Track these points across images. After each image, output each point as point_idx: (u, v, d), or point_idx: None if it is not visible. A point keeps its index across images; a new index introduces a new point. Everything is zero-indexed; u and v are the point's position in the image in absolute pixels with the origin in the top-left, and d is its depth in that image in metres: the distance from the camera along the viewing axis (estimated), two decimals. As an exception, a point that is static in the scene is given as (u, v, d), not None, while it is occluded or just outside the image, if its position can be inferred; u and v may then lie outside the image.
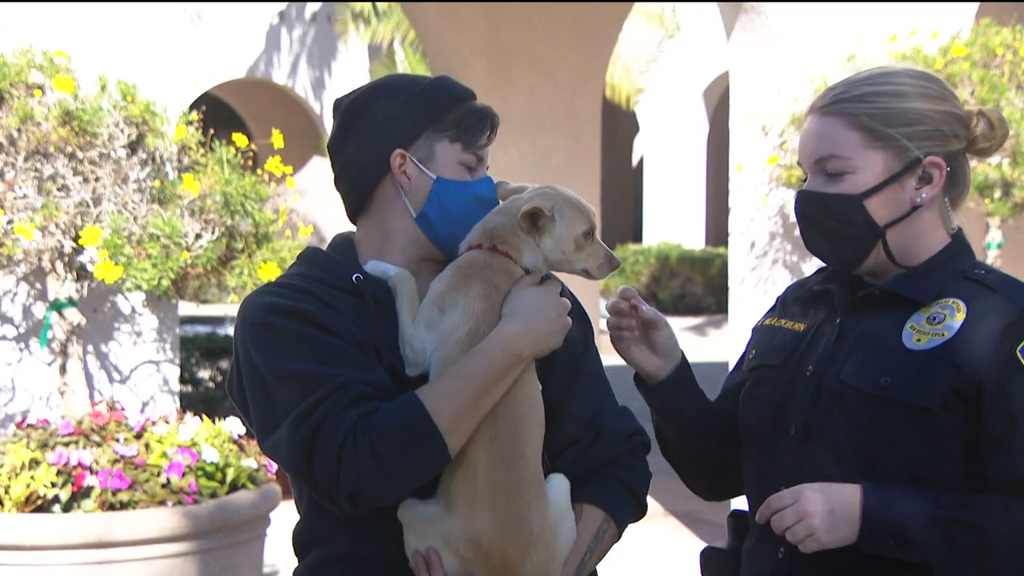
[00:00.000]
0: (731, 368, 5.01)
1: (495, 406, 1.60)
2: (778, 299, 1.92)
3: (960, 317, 1.66)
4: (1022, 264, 5.01)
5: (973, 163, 4.11)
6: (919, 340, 1.66)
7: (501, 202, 1.73)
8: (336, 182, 1.76)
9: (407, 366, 1.64)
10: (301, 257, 1.75)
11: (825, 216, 1.71)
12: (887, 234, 1.70)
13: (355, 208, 1.75)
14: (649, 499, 1.77)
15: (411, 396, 1.57)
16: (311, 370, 1.57)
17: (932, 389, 1.63)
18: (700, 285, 16.94)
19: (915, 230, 1.71)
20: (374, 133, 1.70)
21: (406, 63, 15.67)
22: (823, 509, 1.60)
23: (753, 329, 1.91)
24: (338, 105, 1.75)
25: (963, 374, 1.63)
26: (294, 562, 1.79)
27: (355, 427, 1.53)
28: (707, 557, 1.89)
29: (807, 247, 1.77)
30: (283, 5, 13.98)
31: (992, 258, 4.43)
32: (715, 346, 13.48)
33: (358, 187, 1.73)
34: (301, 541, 1.74)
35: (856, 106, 1.70)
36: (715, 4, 5.39)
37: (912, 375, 1.64)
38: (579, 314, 1.79)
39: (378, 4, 14.44)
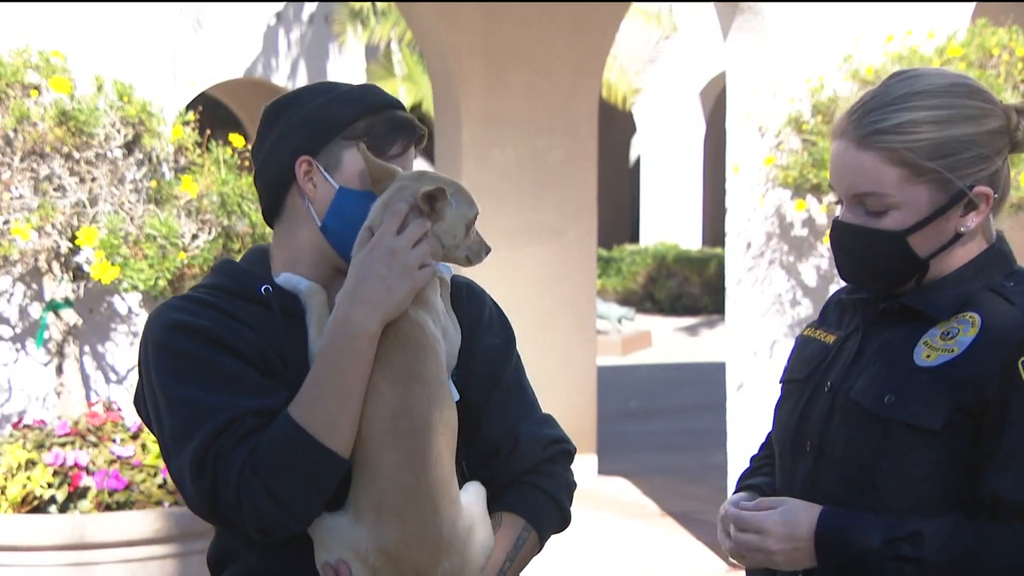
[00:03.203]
0: (729, 369, 4.92)
1: (396, 410, 1.57)
2: (825, 304, 1.88)
3: (973, 332, 1.60)
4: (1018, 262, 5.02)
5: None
6: (928, 356, 1.61)
7: (375, 183, 1.65)
8: (255, 185, 1.74)
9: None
10: (213, 268, 1.73)
11: (865, 250, 1.64)
12: (931, 264, 1.64)
13: (268, 214, 1.72)
14: (646, 499, 1.76)
15: (283, 417, 1.54)
16: (203, 398, 1.55)
17: (935, 409, 1.58)
18: (697, 285, 16.95)
19: (956, 251, 1.65)
20: (285, 137, 1.67)
21: (403, 64, 15.66)
22: (785, 548, 1.61)
23: (796, 338, 1.88)
24: (264, 110, 1.73)
25: (968, 392, 1.56)
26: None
27: (243, 468, 1.52)
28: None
29: (841, 276, 1.70)
30: (280, 6, 13.97)
31: (988, 258, 4.43)
32: (712, 346, 13.49)
33: (269, 192, 1.70)
34: (215, 559, 1.72)
35: (896, 139, 1.59)
36: (712, 4, 5.39)
37: (916, 394, 1.59)
38: (501, 324, 1.76)
39: (376, 4, 14.43)
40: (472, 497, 1.63)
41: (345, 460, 1.55)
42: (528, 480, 1.70)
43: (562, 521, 1.73)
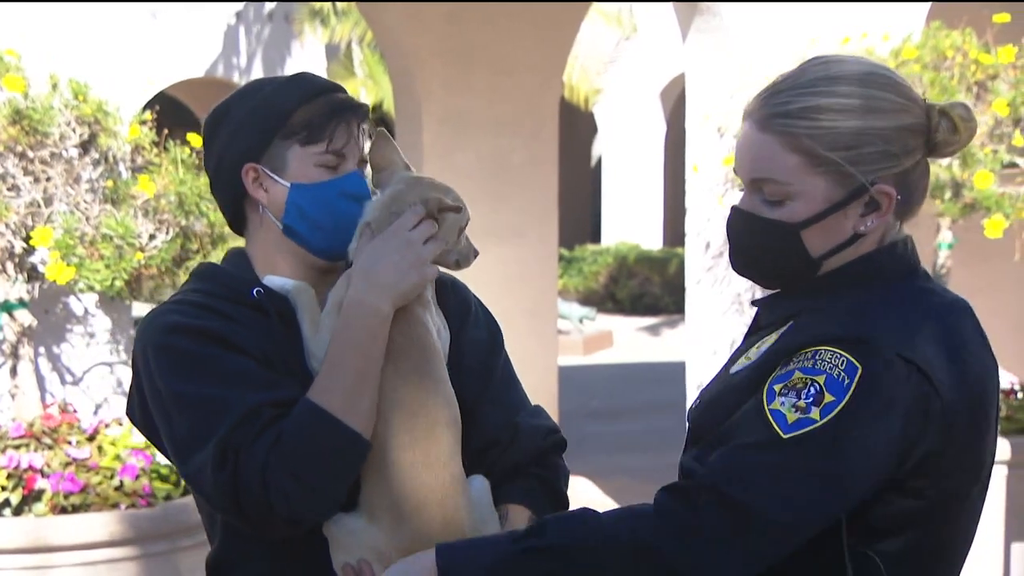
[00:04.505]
0: (688, 369, 4.89)
1: (412, 410, 1.58)
2: None
3: (771, 342, 1.51)
4: (971, 264, 5.09)
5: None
6: (736, 364, 1.55)
7: (376, 173, 1.68)
8: (214, 198, 1.75)
9: (315, 377, 1.60)
10: (196, 274, 1.71)
11: (756, 240, 1.53)
12: (823, 264, 1.51)
13: (233, 223, 1.73)
14: (608, 498, 1.77)
15: (304, 403, 1.54)
16: (216, 394, 1.54)
17: (711, 415, 1.53)
18: (658, 285, 17.02)
19: (848, 256, 1.52)
20: (227, 149, 1.67)
21: (365, 64, 15.60)
22: None
23: None
24: (203, 122, 1.73)
25: (739, 403, 1.49)
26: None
27: (268, 457, 1.50)
28: None
29: (733, 267, 1.58)
30: (240, 5, 13.88)
31: (943, 258, 4.49)
32: (673, 346, 13.55)
33: (227, 204, 1.71)
34: (216, 565, 1.69)
35: (796, 124, 1.47)
36: (671, 5, 5.42)
37: (709, 401, 1.55)
38: (486, 318, 1.79)
39: (336, 4, 14.38)
40: (479, 491, 1.66)
41: (368, 442, 1.55)
42: (531, 472, 1.73)
43: (562, 510, 1.75)
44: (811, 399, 1.40)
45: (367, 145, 1.70)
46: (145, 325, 1.62)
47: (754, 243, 1.53)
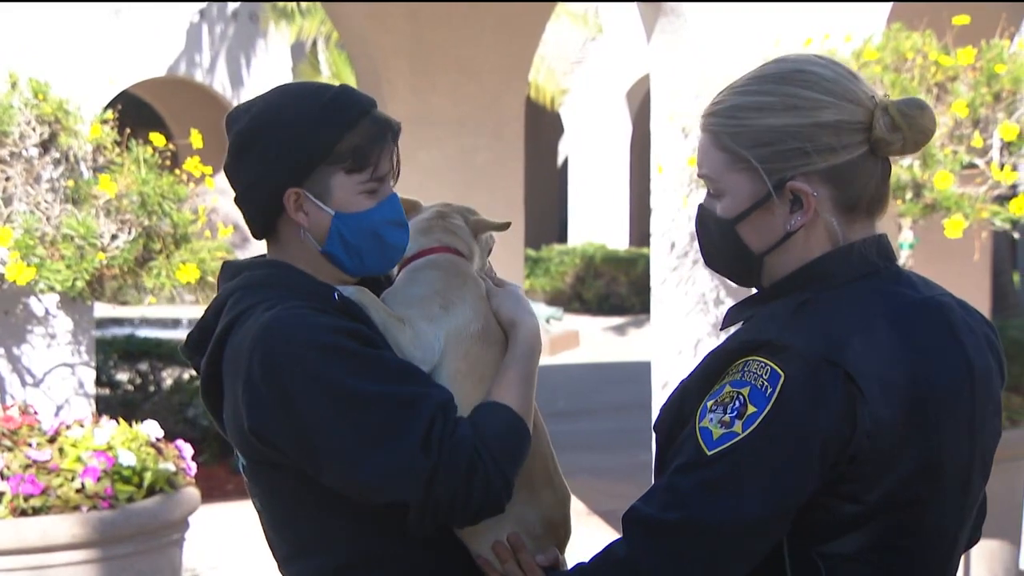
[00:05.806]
0: (654, 369, 4.87)
1: None
2: None
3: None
4: (932, 263, 5.14)
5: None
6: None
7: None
8: (238, 205, 1.72)
9: (419, 366, 1.64)
10: (267, 284, 1.67)
11: (707, 233, 1.58)
12: (765, 261, 1.54)
13: (263, 235, 1.73)
14: (573, 499, 1.84)
15: (502, 407, 1.62)
16: (395, 391, 1.56)
17: (663, 423, 1.57)
18: (624, 285, 17.07)
19: (792, 255, 1.52)
20: (268, 169, 1.65)
21: (330, 63, 15.54)
22: None
23: None
24: (233, 121, 1.69)
25: (680, 403, 1.54)
26: (215, 566, 1.75)
27: (474, 448, 1.56)
28: None
29: (704, 262, 1.65)
30: (203, 4, 13.79)
31: (904, 258, 4.53)
32: (639, 346, 13.60)
33: (260, 220, 1.70)
34: (350, 573, 1.66)
35: (721, 123, 1.53)
36: (636, 5, 5.44)
37: (664, 408, 1.58)
38: None
39: (303, 2, 14.31)
40: None
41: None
42: None
43: None
44: (735, 412, 1.42)
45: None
46: (282, 330, 1.57)
47: (707, 237, 1.59)
